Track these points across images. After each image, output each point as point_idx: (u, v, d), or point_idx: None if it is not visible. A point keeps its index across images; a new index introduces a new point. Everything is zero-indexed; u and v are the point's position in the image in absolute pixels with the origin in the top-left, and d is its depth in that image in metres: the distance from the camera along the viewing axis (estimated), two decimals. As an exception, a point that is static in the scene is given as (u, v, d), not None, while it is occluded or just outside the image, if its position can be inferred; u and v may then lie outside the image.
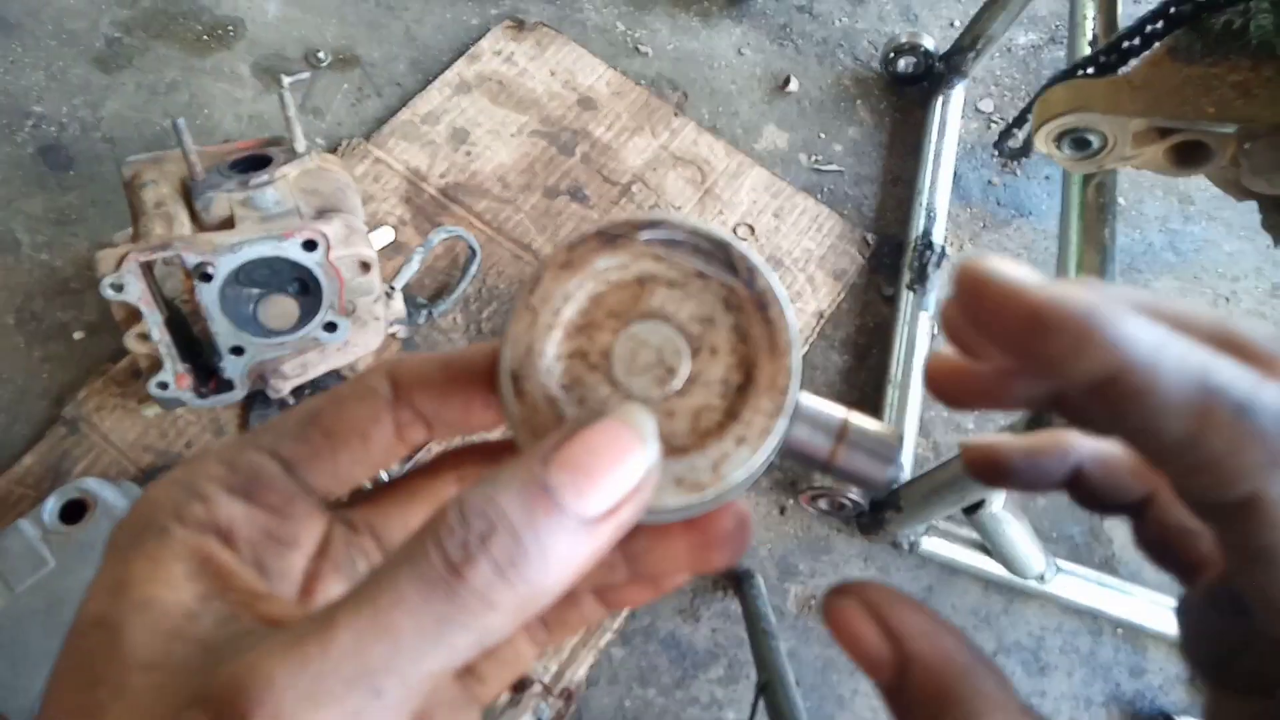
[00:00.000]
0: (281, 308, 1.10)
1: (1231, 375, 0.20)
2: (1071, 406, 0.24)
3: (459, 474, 0.32)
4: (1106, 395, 0.21)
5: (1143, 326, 0.20)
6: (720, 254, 0.26)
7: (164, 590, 0.23)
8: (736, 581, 1.24)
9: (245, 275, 1.06)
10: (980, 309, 0.22)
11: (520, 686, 1.11)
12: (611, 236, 0.26)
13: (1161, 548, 0.29)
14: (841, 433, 0.27)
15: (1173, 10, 0.84)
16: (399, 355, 0.29)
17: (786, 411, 0.26)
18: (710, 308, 0.27)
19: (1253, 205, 0.89)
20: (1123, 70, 0.92)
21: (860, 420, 0.28)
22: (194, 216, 1.09)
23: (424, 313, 1.32)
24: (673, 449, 0.26)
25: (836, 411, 0.28)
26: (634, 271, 0.27)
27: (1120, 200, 1.45)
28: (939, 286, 1.42)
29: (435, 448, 1.23)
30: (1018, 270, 0.22)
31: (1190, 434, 0.20)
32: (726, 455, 0.26)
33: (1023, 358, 0.22)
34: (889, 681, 0.24)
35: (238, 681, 0.20)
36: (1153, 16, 0.87)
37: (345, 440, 0.27)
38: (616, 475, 0.23)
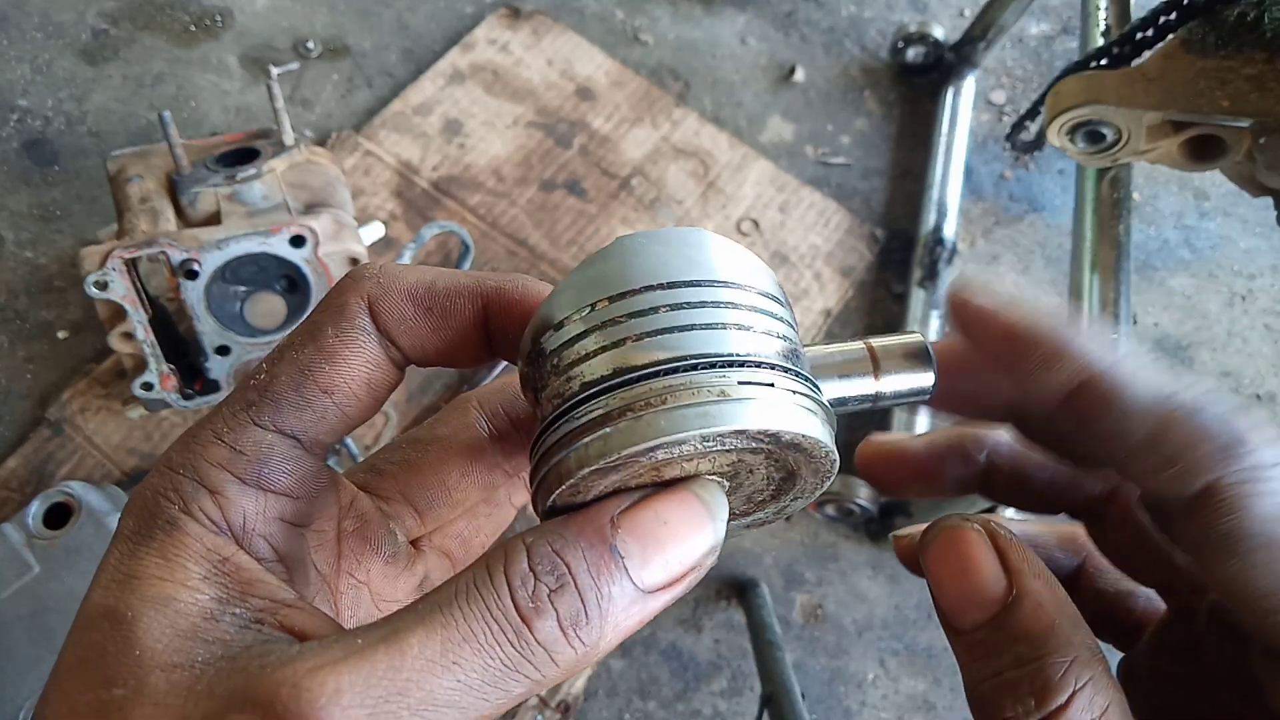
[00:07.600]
0: (268, 305, 1.07)
1: (1180, 381, 0.23)
2: (1036, 430, 0.27)
3: (486, 412, 0.32)
4: (1076, 403, 0.24)
5: (1103, 342, 0.23)
6: (734, 436, 0.23)
7: (181, 590, 0.23)
8: (740, 590, 1.21)
9: (232, 272, 1.04)
10: (967, 328, 0.26)
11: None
12: (608, 468, 0.23)
13: (1099, 617, 0.30)
14: (873, 360, 0.28)
15: (1186, 1, 0.83)
16: (369, 275, 0.27)
17: (833, 473, 0.26)
18: (736, 456, 0.25)
19: (1268, 201, 0.88)
20: (1136, 62, 0.91)
21: (881, 341, 0.28)
22: (180, 211, 1.07)
23: (418, 311, 1.29)
24: (734, 515, 0.27)
25: (855, 347, 0.28)
26: (646, 465, 0.24)
27: (1135, 195, 1.41)
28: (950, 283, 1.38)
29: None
30: (998, 293, 0.25)
31: (1153, 434, 0.23)
32: (785, 507, 0.28)
33: (1007, 367, 0.25)
34: (985, 617, 0.24)
35: (297, 687, 0.19)
36: (1166, 7, 0.86)
37: (350, 394, 0.26)
38: (682, 550, 0.23)
